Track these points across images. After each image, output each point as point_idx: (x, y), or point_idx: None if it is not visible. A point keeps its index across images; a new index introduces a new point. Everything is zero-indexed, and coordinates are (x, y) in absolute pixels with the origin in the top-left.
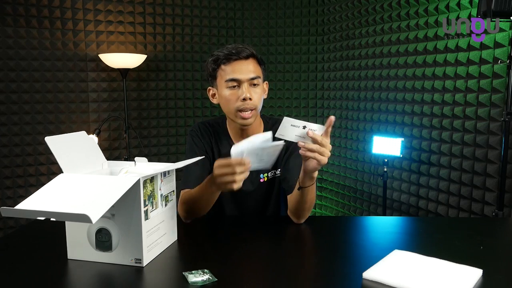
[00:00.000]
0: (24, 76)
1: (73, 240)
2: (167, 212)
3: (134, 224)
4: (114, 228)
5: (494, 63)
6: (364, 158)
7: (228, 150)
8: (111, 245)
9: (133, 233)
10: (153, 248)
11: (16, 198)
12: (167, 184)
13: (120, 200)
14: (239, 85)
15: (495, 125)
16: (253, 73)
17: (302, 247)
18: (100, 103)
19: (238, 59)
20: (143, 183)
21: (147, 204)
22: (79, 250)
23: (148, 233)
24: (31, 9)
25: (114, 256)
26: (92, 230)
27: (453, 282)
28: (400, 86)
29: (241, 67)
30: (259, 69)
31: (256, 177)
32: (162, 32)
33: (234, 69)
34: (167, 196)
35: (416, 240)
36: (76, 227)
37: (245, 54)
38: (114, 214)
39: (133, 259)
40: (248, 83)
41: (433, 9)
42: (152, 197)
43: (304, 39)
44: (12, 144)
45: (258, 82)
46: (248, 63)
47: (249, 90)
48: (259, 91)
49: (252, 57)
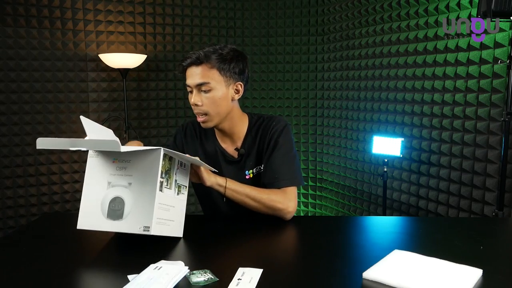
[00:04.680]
0: (24, 76)
1: (86, 209)
2: (178, 202)
3: (149, 192)
4: (129, 196)
5: (494, 63)
6: (364, 158)
7: (213, 149)
8: (123, 213)
9: (146, 200)
10: (162, 225)
11: (16, 198)
12: (182, 175)
13: (138, 169)
14: (192, 91)
15: (495, 125)
16: (200, 78)
17: (302, 247)
18: (100, 103)
19: (190, 65)
20: (163, 156)
21: (163, 177)
22: (90, 219)
23: (160, 205)
24: (31, 9)
25: (123, 224)
26: (107, 199)
27: (453, 282)
28: (400, 86)
29: (190, 73)
30: (212, 73)
31: (241, 174)
32: (162, 32)
33: (187, 75)
34: (180, 187)
35: (416, 240)
36: (92, 194)
37: (190, 61)
38: (131, 183)
39: (142, 227)
40: (196, 89)
41: (433, 9)
42: (168, 175)
43: (304, 39)
44: (12, 144)
45: (207, 88)
46: (197, 69)
47: (197, 96)
48: (210, 95)
49: (203, 62)
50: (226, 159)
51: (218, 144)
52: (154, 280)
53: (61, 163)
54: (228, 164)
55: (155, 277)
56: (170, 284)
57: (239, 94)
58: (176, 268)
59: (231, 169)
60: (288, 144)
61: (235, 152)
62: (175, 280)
